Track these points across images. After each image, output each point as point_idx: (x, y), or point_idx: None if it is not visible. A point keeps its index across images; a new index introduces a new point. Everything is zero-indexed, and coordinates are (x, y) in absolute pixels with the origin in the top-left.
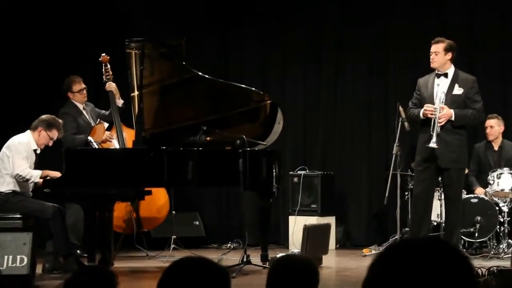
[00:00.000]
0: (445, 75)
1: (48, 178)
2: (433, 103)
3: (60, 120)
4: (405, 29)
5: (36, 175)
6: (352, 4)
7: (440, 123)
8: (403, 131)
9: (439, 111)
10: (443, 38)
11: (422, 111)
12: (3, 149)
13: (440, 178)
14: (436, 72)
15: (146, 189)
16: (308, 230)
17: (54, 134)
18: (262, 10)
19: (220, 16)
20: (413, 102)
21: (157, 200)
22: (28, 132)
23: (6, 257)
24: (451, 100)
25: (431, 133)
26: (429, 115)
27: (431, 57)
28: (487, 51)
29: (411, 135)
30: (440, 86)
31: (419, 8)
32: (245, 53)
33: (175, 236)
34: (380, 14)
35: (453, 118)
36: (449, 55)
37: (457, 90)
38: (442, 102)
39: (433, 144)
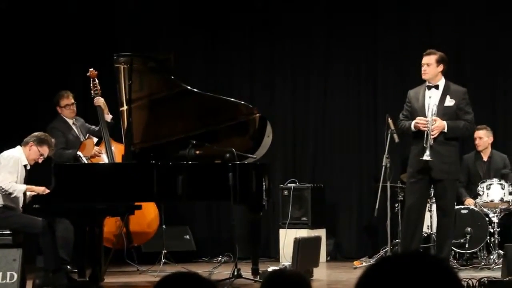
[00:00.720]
0: (436, 86)
1: (34, 193)
2: (424, 115)
3: (53, 139)
4: (394, 41)
5: (19, 190)
6: (341, 15)
7: (433, 135)
8: (392, 143)
9: (432, 123)
10: (434, 50)
11: (413, 123)
12: None
13: (432, 190)
14: (427, 84)
15: (136, 203)
16: (299, 243)
17: (45, 150)
18: (250, 20)
19: (207, 27)
20: (404, 114)
21: (147, 215)
22: (19, 147)
23: None
24: (443, 111)
25: (424, 145)
26: (422, 128)
27: (422, 68)
28: (475, 62)
29: (400, 147)
30: (432, 98)
31: (407, 19)
32: (233, 65)
33: (165, 251)
34: (369, 26)
35: (445, 130)
36: (441, 67)
37: (449, 102)
38: (434, 114)
39: (426, 156)
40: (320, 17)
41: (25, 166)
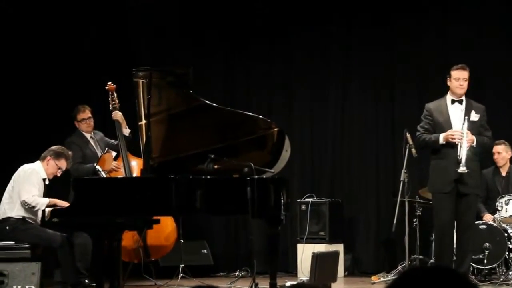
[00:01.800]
0: (460, 101)
1: (56, 207)
2: (451, 128)
3: (70, 152)
4: (412, 55)
5: (42, 203)
6: (359, 29)
7: (469, 145)
8: (410, 158)
9: (466, 136)
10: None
11: (444, 136)
12: (14, 175)
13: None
14: (451, 98)
15: (154, 217)
16: (317, 258)
17: (63, 163)
18: (268, 34)
19: (225, 41)
20: (424, 127)
21: (165, 229)
22: (38, 162)
23: (14, 287)
24: (470, 126)
25: (458, 157)
26: (456, 141)
27: (459, 83)
28: (493, 76)
29: (418, 161)
30: (456, 112)
31: (425, 34)
32: (251, 81)
33: (183, 265)
34: (386, 40)
35: (474, 144)
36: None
37: (474, 117)
38: (465, 124)
39: (463, 168)
40: (338, 31)
41: (43, 180)
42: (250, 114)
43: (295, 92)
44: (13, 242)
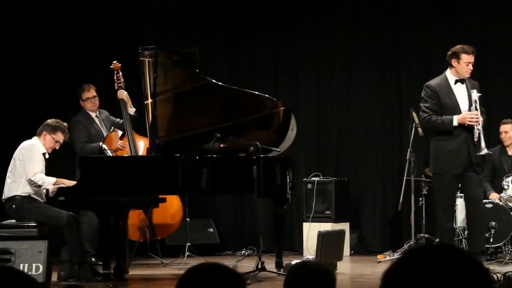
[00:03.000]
0: (461, 81)
1: (63, 186)
2: (459, 110)
3: (65, 123)
4: (418, 36)
5: (49, 182)
6: (365, 11)
7: (480, 130)
8: (416, 137)
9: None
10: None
11: (458, 118)
12: (16, 153)
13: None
14: (455, 78)
15: (161, 196)
16: (323, 237)
17: (59, 137)
18: (274, 15)
19: (231, 22)
20: (431, 108)
21: (171, 208)
22: (35, 138)
23: (22, 265)
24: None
25: (475, 140)
26: (473, 123)
27: (470, 67)
28: (500, 57)
29: (424, 141)
30: (461, 93)
31: (431, 15)
32: (257, 60)
33: (189, 244)
34: (393, 21)
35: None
36: None
37: (476, 96)
38: (476, 104)
39: (484, 150)
40: (344, 13)
41: (43, 154)
42: (256, 93)
43: (301, 71)
44: (19, 221)
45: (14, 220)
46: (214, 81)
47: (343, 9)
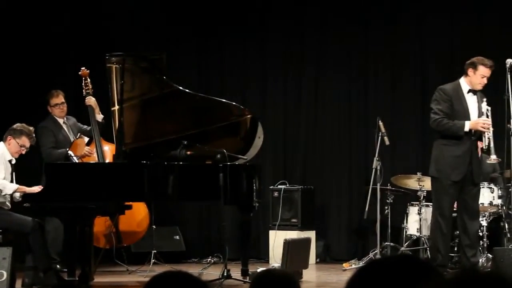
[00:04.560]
0: (474, 91)
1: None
2: (469, 118)
3: (31, 128)
4: (385, 43)
5: (10, 188)
6: (332, 17)
7: (490, 138)
8: (382, 145)
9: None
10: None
11: (471, 124)
12: None
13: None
14: (469, 88)
15: (127, 203)
16: (289, 245)
17: (24, 141)
18: (243, 23)
19: (200, 29)
20: (444, 111)
21: (137, 215)
22: (1, 143)
23: None
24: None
25: (485, 147)
26: (485, 130)
27: (484, 81)
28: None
29: (390, 149)
30: (472, 102)
31: (399, 22)
32: (224, 67)
33: (155, 251)
34: (360, 27)
35: None
36: None
37: (485, 108)
38: (488, 115)
39: (494, 157)
40: (312, 22)
41: (9, 161)
42: (224, 100)
43: (269, 79)
44: None
45: None
46: (181, 88)
47: (310, 17)
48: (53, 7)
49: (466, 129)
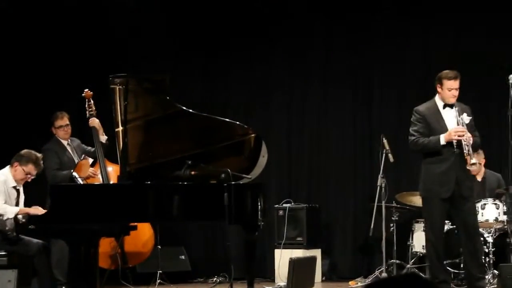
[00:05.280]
0: (451, 105)
1: (28, 214)
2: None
3: (39, 155)
4: (390, 62)
5: (10, 211)
6: (338, 35)
7: (468, 144)
8: (387, 163)
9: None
10: (456, 71)
11: (445, 136)
12: None
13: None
14: (443, 103)
15: (131, 224)
16: (294, 263)
17: (31, 169)
18: (247, 42)
19: (203, 47)
20: (420, 131)
21: (142, 235)
22: (7, 168)
23: None
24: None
25: (465, 153)
26: (458, 138)
27: (453, 93)
28: (468, 83)
29: (395, 166)
30: (450, 116)
31: (404, 40)
32: (229, 86)
33: (161, 271)
34: (366, 46)
35: (471, 143)
36: None
37: (467, 119)
38: (464, 125)
39: (474, 160)
40: (317, 39)
41: (14, 187)
42: (227, 120)
43: (273, 97)
44: None
45: None
46: (184, 108)
47: (316, 34)
48: (58, 29)
49: (442, 142)
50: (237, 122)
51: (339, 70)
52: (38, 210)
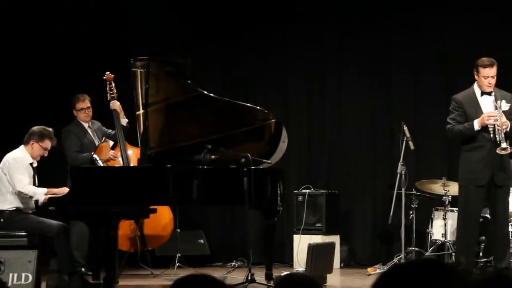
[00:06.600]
0: (489, 93)
1: (54, 195)
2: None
3: (50, 129)
4: (408, 49)
5: (40, 193)
6: (354, 21)
7: (504, 127)
8: (407, 150)
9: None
10: (492, 58)
11: (478, 121)
12: (1, 166)
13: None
14: (481, 90)
15: (151, 207)
16: (313, 249)
17: (47, 144)
18: (264, 27)
19: (221, 35)
20: (456, 119)
21: (162, 218)
22: (22, 147)
23: (11, 274)
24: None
25: (497, 137)
26: (492, 122)
27: (489, 81)
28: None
29: (415, 154)
30: (487, 103)
31: (420, 27)
32: (248, 72)
33: (179, 255)
34: (382, 33)
35: (508, 129)
36: None
37: (505, 106)
38: (500, 111)
39: (504, 145)
40: (333, 25)
41: (31, 164)
42: (248, 105)
43: (292, 83)
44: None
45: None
46: (205, 92)
47: (330, 21)
48: (79, 12)
49: (476, 127)
50: (258, 107)
51: (356, 56)
52: (64, 190)
